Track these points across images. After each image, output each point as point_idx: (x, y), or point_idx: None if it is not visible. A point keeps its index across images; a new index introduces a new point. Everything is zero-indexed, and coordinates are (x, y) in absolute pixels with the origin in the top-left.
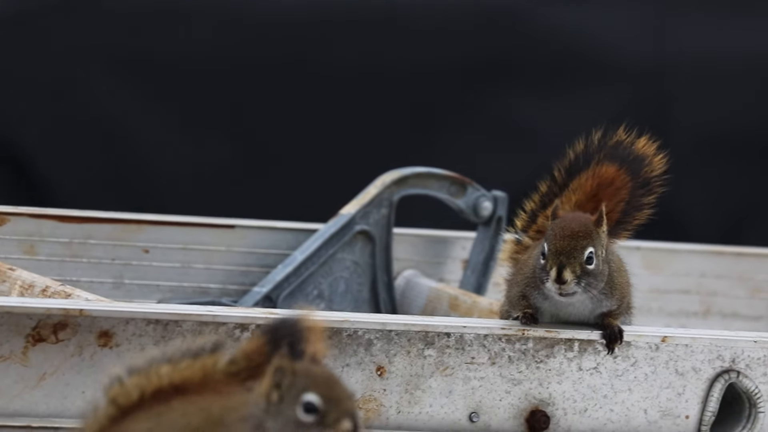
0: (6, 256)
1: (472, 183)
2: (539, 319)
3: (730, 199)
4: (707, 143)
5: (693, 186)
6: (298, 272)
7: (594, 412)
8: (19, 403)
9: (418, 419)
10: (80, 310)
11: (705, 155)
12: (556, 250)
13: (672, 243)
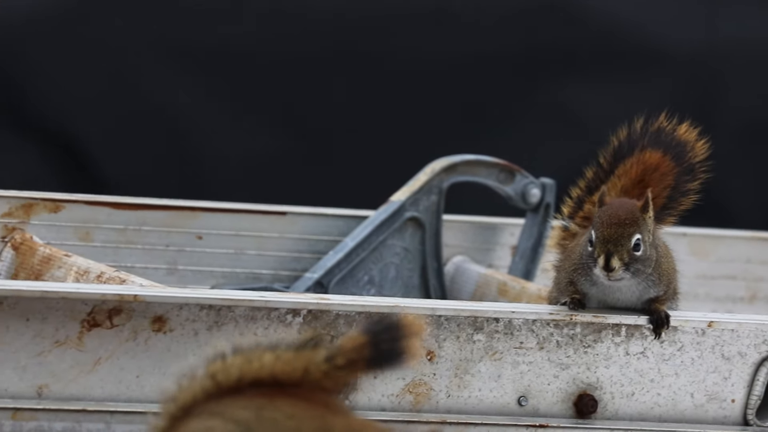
0: (62, 243)
1: (520, 170)
2: (587, 305)
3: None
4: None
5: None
6: (349, 258)
7: (641, 396)
8: (75, 388)
9: (467, 403)
10: (134, 295)
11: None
12: (604, 238)
13: (718, 229)
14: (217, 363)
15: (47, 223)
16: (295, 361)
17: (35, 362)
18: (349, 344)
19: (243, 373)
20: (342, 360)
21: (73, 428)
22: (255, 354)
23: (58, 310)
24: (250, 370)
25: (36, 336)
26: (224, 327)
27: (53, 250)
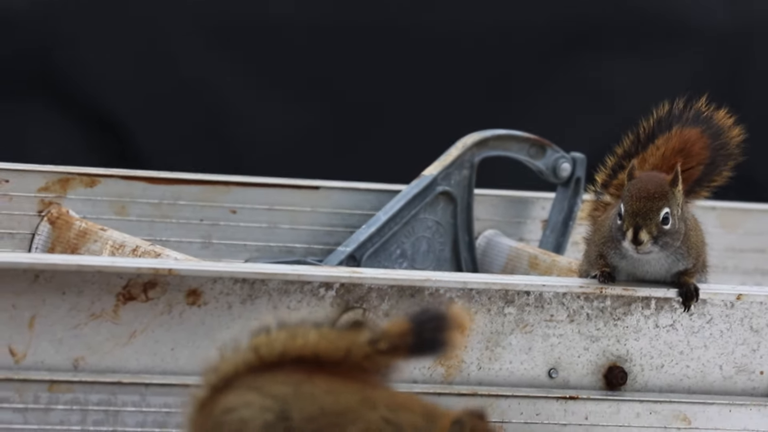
0: (98, 217)
1: (551, 145)
2: (616, 278)
3: None
4: None
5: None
6: (381, 232)
7: (670, 368)
8: (110, 360)
9: (498, 375)
10: (169, 269)
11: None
12: (633, 212)
13: (747, 202)
14: (261, 337)
15: (83, 198)
16: (338, 341)
17: (71, 335)
18: (393, 329)
19: (286, 349)
20: (385, 344)
21: (109, 400)
22: (300, 330)
23: (94, 284)
24: (294, 347)
25: (72, 309)
26: (258, 300)
27: (89, 224)
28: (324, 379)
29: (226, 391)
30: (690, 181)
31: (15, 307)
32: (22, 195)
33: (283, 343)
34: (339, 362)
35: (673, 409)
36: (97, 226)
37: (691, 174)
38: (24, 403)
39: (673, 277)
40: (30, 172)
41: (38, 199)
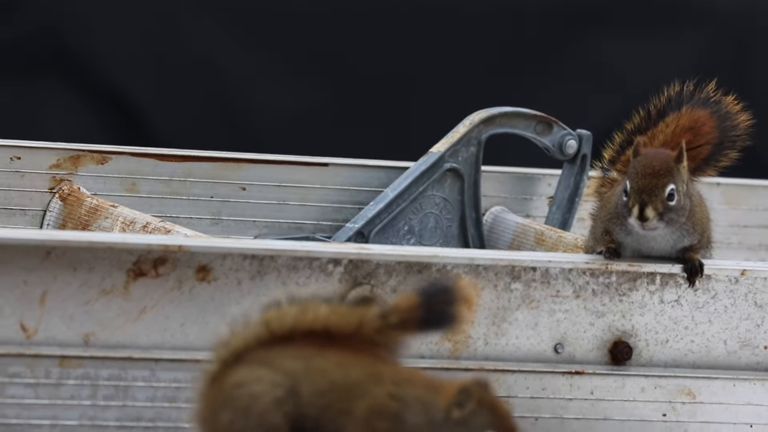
0: (108, 194)
1: (557, 122)
2: (622, 254)
3: None
4: None
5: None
6: (389, 209)
7: (675, 343)
8: (121, 335)
9: (504, 350)
10: (179, 245)
11: None
12: (639, 188)
13: (751, 179)
14: (272, 311)
15: (94, 175)
16: (349, 316)
17: (82, 311)
18: (402, 304)
19: (297, 323)
20: (395, 318)
21: (119, 375)
22: (310, 305)
23: (105, 260)
24: (305, 321)
25: (83, 285)
26: (267, 276)
27: (100, 201)
28: (335, 353)
29: (237, 365)
30: (698, 159)
31: (26, 283)
32: (34, 172)
33: (293, 318)
34: (350, 336)
35: (677, 384)
36: (108, 203)
37: (699, 152)
38: (35, 378)
39: (678, 253)
40: (42, 149)
41: (50, 176)
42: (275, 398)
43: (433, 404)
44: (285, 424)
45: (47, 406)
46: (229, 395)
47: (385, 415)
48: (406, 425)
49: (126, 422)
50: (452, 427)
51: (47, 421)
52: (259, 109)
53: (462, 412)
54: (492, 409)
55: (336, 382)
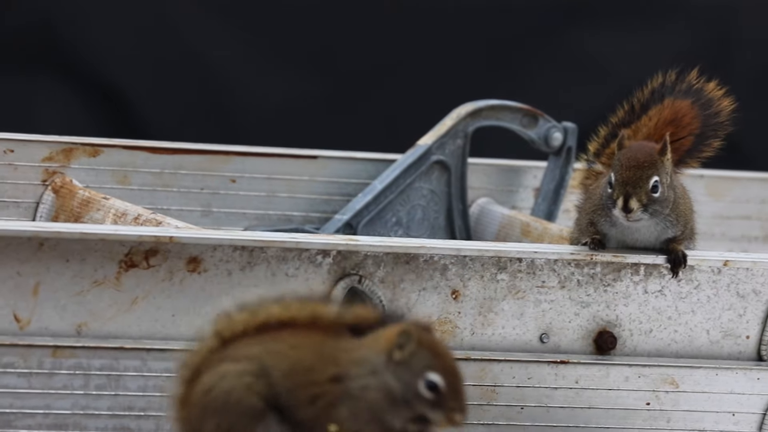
0: (100, 186)
1: (543, 115)
2: (606, 245)
3: None
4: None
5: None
6: (377, 200)
7: (659, 333)
8: (113, 326)
9: (491, 340)
10: (170, 237)
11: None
12: (623, 180)
13: (734, 171)
14: (222, 322)
15: (86, 167)
16: (302, 310)
17: (74, 301)
18: (361, 312)
19: (248, 326)
20: (349, 317)
21: (111, 365)
22: (261, 308)
23: (97, 251)
24: (255, 321)
25: (75, 276)
26: (257, 267)
27: (92, 193)
28: (288, 335)
29: (199, 377)
30: (681, 151)
31: (20, 274)
32: (26, 165)
33: (244, 322)
34: (308, 325)
35: (661, 373)
36: (100, 195)
37: (682, 144)
38: (28, 368)
39: (662, 244)
40: (34, 142)
41: (42, 169)
42: (245, 385)
43: (376, 355)
44: (264, 404)
45: (40, 396)
46: (202, 404)
47: (333, 402)
48: (353, 396)
49: (118, 411)
50: (395, 369)
51: (40, 410)
52: (250, 102)
53: (402, 354)
54: (432, 350)
55: (295, 365)
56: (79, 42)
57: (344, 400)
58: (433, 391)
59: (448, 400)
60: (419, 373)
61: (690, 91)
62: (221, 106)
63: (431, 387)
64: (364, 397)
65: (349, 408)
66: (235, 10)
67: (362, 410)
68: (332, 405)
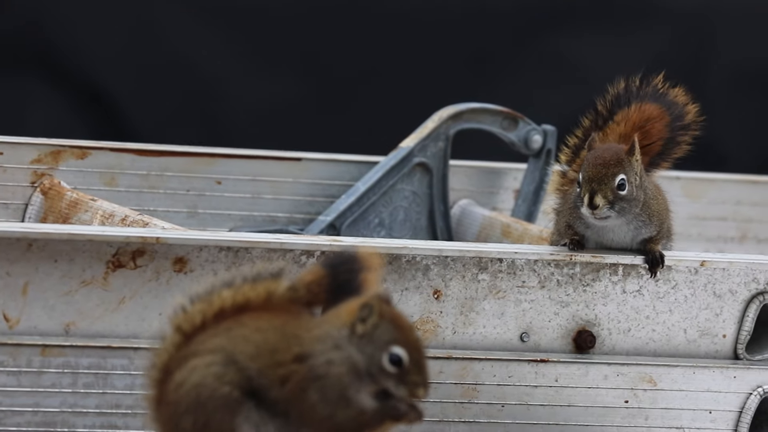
0: (88, 188)
1: (523, 117)
2: (585, 246)
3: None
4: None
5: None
6: (360, 202)
7: (637, 332)
8: (101, 325)
9: (472, 339)
10: (157, 237)
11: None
12: (589, 178)
13: (710, 173)
14: (179, 316)
15: (74, 169)
16: (253, 291)
17: (63, 301)
18: (308, 277)
19: (205, 314)
20: (303, 291)
21: (99, 364)
22: (213, 295)
23: (85, 252)
24: (212, 309)
25: (64, 276)
26: (242, 268)
27: (80, 194)
28: (251, 318)
29: (170, 376)
30: (651, 154)
31: (9, 274)
32: (15, 167)
33: (202, 313)
34: (264, 304)
35: (639, 372)
36: (88, 197)
37: (652, 148)
38: (17, 366)
39: (639, 245)
40: (23, 144)
41: (31, 171)
42: (215, 375)
43: (338, 329)
44: (237, 391)
45: (29, 394)
46: (176, 402)
47: (302, 384)
48: (319, 375)
49: (105, 409)
50: (358, 342)
51: (29, 408)
52: (234, 105)
53: (365, 327)
54: (394, 323)
55: (260, 347)
56: (68, 46)
57: (311, 381)
58: (396, 365)
59: (411, 375)
60: (383, 347)
61: (656, 95)
62: (207, 108)
63: (395, 361)
64: (329, 373)
65: (317, 391)
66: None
67: (330, 389)
68: (301, 389)
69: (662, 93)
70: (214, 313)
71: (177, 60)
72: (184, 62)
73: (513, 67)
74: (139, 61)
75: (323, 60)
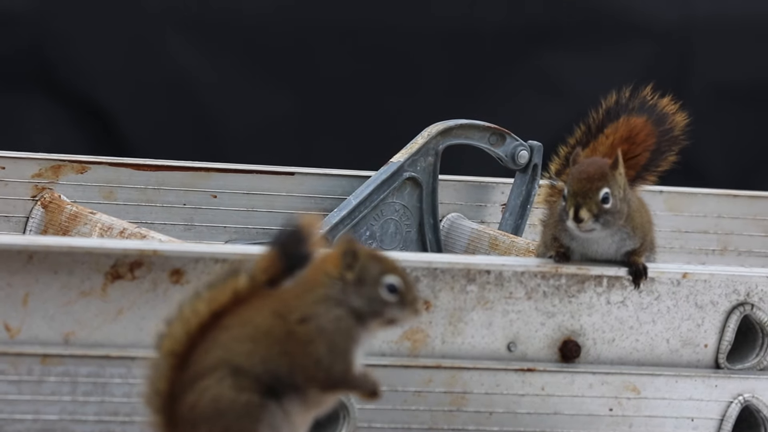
0: (87, 201)
1: (510, 133)
2: (571, 258)
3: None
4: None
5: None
6: (352, 215)
7: (621, 342)
8: (99, 335)
9: (461, 348)
10: (154, 250)
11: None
12: (574, 192)
13: (692, 187)
14: (165, 342)
15: (74, 183)
16: (221, 294)
17: (62, 311)
18: (262, 262)
19: (188, 330)
20: (262, 276)
21: (97, 372)
22: (186, 312)
23: (84, 264)
24: (191, 323)
25: (63, 287)
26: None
27: (79, 208)
28: (230, 318)
29: (176, 402)
30: (638, 167)
31: (10, 285)
32: (17, 181)
33: (184, 331)
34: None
35: (623, 380)
36: (87, 210)
37: (638, 160)
38: (18, 375)
39: (623, 257)
40: (24, 159)
41: (32, 185)
42: (230, 386)
43: (330, 286)
44: (256, 396)
45: (29, 402)
46: (191, 418)
47: (308, 341)
48: (325, 329)
49: (104, 417)
50: (353, 290)
51: (29, 416)
52: (229, 121)
53: (354, 272)
54: (374, 257)
55: (254, 336)
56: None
57: (318, 335)
58: (394, 292)
59: (407, 295)
60: (377, 282)
61: (644, 107)
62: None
63: (392, 289)
64: (338, 328)
65: (324, 342)
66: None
67: (339, 342)
68: (306, 342)
69: (651, 104)
70: (198, 327)
71: (174, 77)
72: (181, 79)
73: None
74: (137, 78)
75: (316, 78)
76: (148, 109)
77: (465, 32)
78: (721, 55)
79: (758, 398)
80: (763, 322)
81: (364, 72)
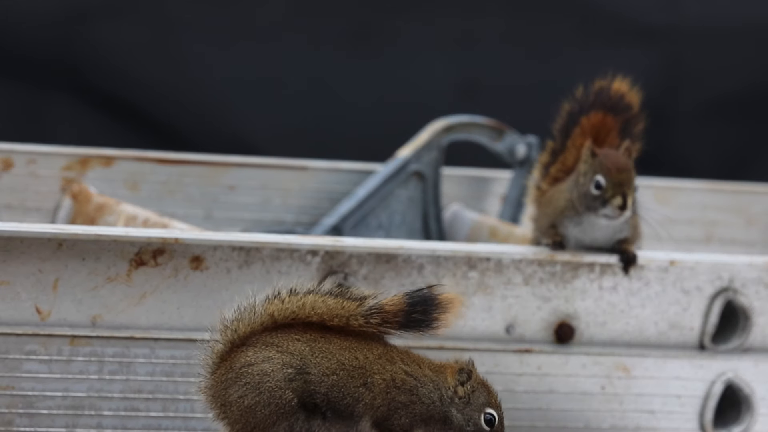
0: (113, 193)
1: (508, 129)
2: (566, 246)
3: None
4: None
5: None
6: (361, 206)
7: (612, 325)
8: (124, 318)
9: (462, 331)
10: (176, 238)
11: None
12: (618, 182)
13: (679, 180)
14: (275, 304)
15: (101, 176)
16: (339, 311)
17: (90, 296)
18: (388, 306)
19: (297, 315)
20: (377, 319)
21: (123, 353)
22: (307, 300)
23: (110, 251)
24: (303, 313)
25: (91, 273)
26: (253, 265)
27: (106, 199)
28: (336, 338)
29: (244, 347)
30: None
31: (41, 271)
32: (47, 174)
33: (293, 311)
34: (342, 327)
35: (614, 361)
36: (113, 201)
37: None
38: (48, 355)
39: (614, 244)
40: (54, 153)
41: (61, 177)
42: (286, 375)
43: (442, 383)
44: (295, 399)
45: (59, 380)
46: (239, 373)
47: (403, 388)
48: (422, 399)
49: (129, 394)
50: (458, 404)
51: (59, 393)
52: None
53: (465, 390)
54: (485, 387)
55: (345, 363)
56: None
57: (410, 393)
58: (490, 425)
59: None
60: (480, 409)
61: (597, 101)
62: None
63: (490, 422)
64: (427, 411)
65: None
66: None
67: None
68: (399, 388)
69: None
70: (304, 318)
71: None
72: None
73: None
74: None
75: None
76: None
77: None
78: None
79: (740, 377)
80: (745, 306)
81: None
